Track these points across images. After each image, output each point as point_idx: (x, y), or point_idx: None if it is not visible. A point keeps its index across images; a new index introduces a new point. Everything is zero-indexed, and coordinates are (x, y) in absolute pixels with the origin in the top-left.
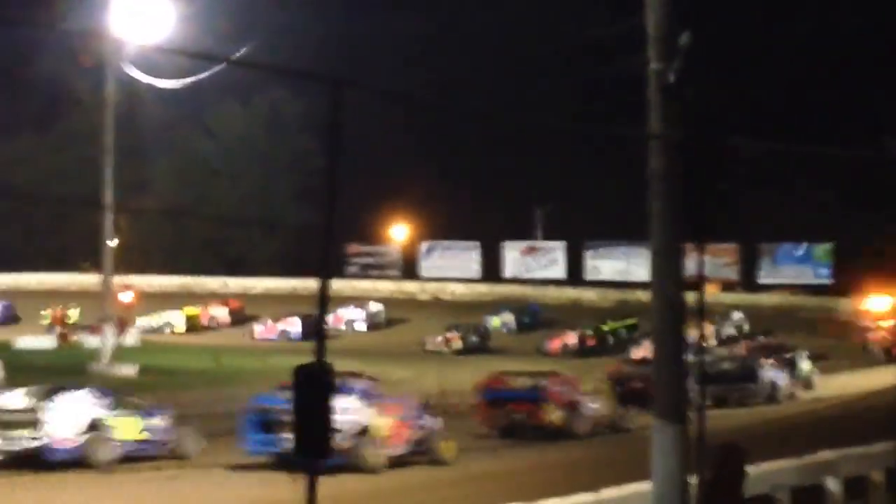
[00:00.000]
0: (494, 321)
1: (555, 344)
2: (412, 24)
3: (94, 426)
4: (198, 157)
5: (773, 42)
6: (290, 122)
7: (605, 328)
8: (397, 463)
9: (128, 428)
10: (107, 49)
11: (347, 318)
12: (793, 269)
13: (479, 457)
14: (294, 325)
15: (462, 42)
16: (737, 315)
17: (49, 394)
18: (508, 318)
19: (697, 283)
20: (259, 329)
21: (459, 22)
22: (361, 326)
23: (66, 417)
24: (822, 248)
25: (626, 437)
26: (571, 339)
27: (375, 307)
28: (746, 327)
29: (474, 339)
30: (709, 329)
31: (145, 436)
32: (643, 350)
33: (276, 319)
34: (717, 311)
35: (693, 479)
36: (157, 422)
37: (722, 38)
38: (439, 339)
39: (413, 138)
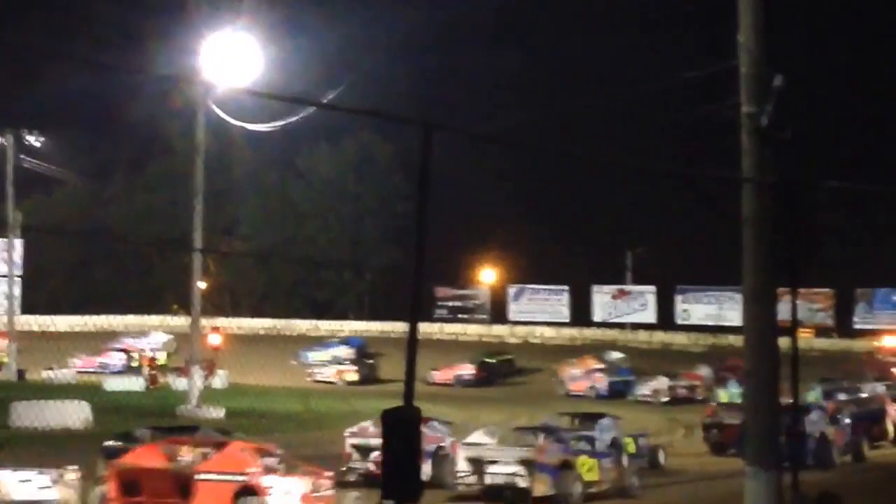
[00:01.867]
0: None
1: (444, 374)
2: (502, 66)
3: None
4: (287, 200)
5: (871, 80)
6: (380, 164)
7: (489, 360)
8: None
9: None
10: (197, 92)
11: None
12: (889, 314)
13: None
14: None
15: (555, 83)
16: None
17: None
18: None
19: (791, 328)
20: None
21: (553, 63)
22: None
23: None
24: None
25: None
26: (465, 369)
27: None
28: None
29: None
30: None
31: None
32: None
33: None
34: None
35: None
36: None
37: (817, 80)
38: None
39: (503, 181)
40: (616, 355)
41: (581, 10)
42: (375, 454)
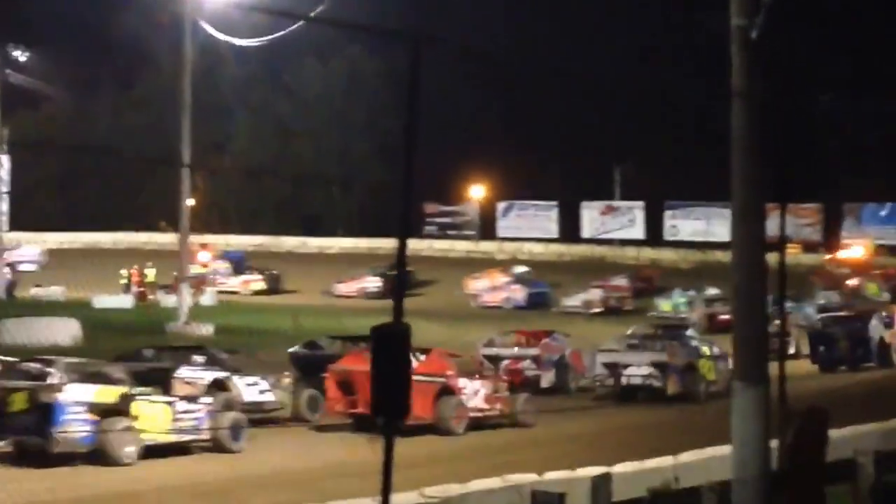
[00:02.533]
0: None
1: (349, 287)
2: None
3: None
4: (275, 116)
5: None
6: (369, 80)
7: (391, 273)
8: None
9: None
10: (184, 7)
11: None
12: (877, 229)
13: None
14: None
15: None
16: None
17: None
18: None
19: (779, 244)
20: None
21: None
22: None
23: None
24: None
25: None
26: (370, 282)
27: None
28: None
29: None
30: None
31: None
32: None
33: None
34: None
35: (774, 443)
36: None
37: None
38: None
39: (492, 97)
40: (522, 269)
41: None
42: (506, 362)
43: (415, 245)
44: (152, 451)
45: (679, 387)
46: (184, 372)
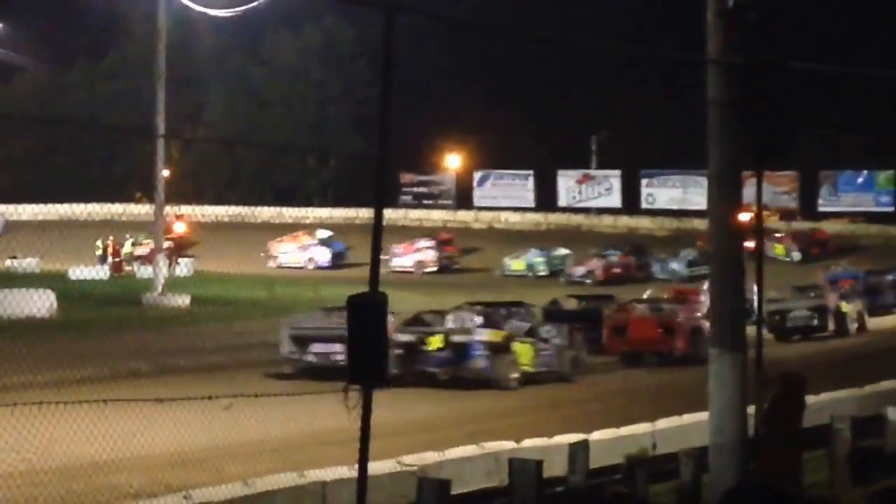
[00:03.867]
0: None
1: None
2: None
3: None
4: (250, 86)
5: None
6: (343, 50)
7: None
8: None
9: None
10: None
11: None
12: (853, 196)
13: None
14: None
15: None
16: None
17: None
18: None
19: (756, 212)
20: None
21: None
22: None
23: None
24: (884, 176)
25: None
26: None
27: None
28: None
29: None
30: None
31: None
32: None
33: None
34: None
35: (751, 409)
36: None
37: None
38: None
39: (467, 66)
40: (326, 232)
41: None
42: None
43: (391, 215)
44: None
45: (834, 325)
46: (514, 322)
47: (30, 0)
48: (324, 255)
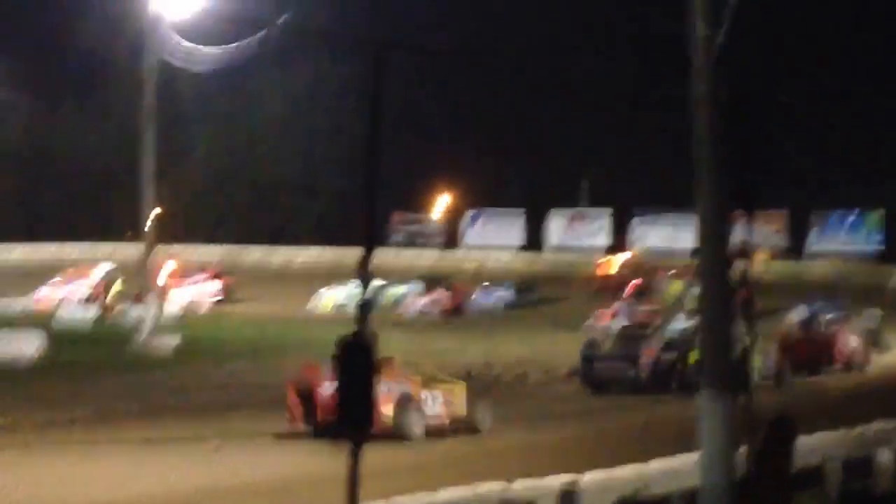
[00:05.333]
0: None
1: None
2: None
3: None
4: (238, 125)
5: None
6: (332, 88)
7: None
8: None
9: None
10: (146, 15)
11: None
12: (844, 236)
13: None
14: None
15: (503, 3)
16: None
17: None
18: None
19: (745, 251)
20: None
21: None
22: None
23: None
24: (875, 216)
25: None
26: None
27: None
28: None
29: None
30: None
31: None
32: None
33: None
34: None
35: (741, 450)
36: None
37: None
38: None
39: (457, 105)
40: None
41: None
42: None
43: (382, 254)
44: None
45: None
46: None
47: (17, 38)
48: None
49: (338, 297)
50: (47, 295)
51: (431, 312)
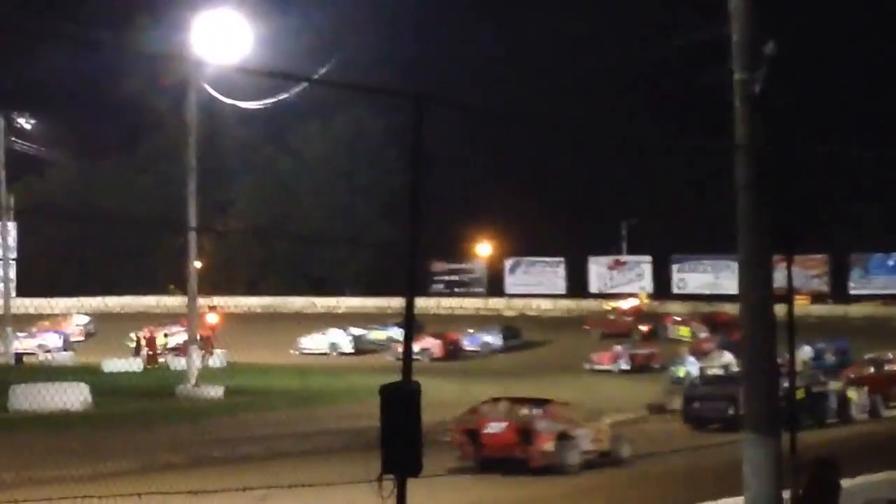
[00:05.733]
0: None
1: None
2: (496, 40)
3: None
4: (280, 177)
5: (864, 45)
6: (373, 139)
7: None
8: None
9: None
10: (188, 70)
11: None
12: (884, 279)
13: None
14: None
15: (547, 55)
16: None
17: None
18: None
19: (786, 295)
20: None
21: (545, 34)
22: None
23: None
24: None
25: None
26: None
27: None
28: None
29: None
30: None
31: None
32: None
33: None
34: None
35: (786, 494)
36: None
37: (810, 45)
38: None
39: (496, 154)
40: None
41: None
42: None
43: (423, 303)
44: None
45: None
46: None
47: (61, 93)
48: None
49: (319, 342)
50: (22, 345)
51: (422, 359)
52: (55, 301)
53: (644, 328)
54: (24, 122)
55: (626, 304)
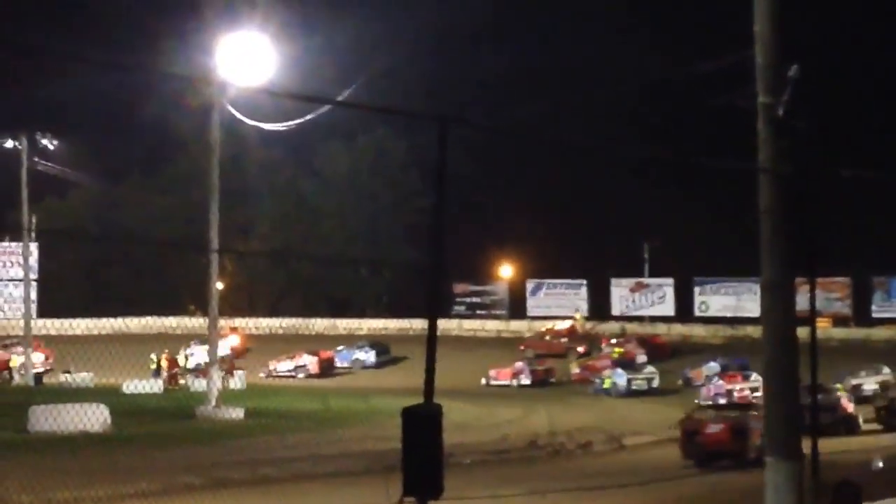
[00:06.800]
0: None
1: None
2: (515, 60)
3: None
4: (303, 198)
5: (887, 68)
6: (395, 161)
7: None
8: None
9: None
10: (212, 92)
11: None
12: None
13: None
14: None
15: (569, 77)
16: None
17: None
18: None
19: (809, 318)
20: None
21: (568, 57)
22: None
23: None
24: None
25: None
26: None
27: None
28: None
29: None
30: None
31: None
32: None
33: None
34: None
35: None
36: None
37: (833, 69)
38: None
39: (518, 176)
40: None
41: (597, 3)
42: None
43: (444, 325)
44: None
45: None
46: None
47: (85, 115)
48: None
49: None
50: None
51: (296, 376)
52: (76, 322)
53: (580, 349)
54: (48, 143)
55: (560, 326)
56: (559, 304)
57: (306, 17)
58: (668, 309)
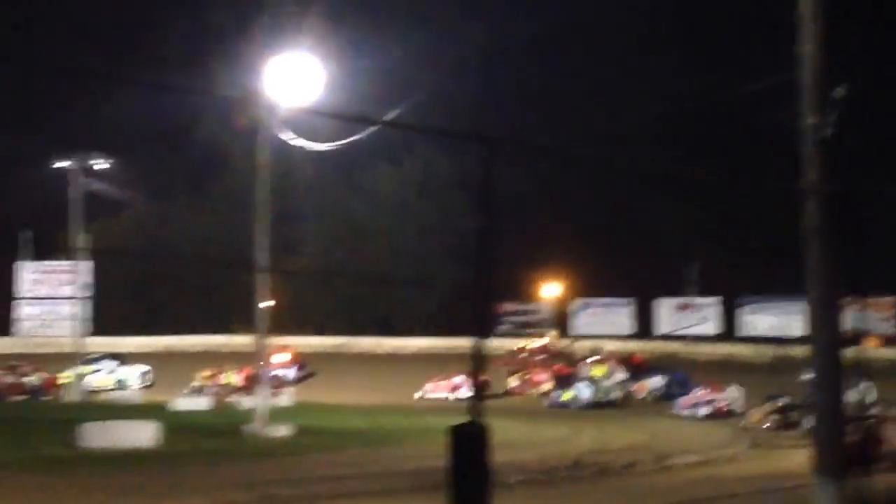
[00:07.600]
0: None
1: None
2: (564, 82)
3: None
4: (350, 218)
5: None
6: (443, 181)
7: None
8: None
9: None
10: (260, 113)
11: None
12: None
13: None
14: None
15: (615, 97)
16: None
17: None
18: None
19: (856, 338)
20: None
21: (613, 78)
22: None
23: None
24: None
25: None
26: None
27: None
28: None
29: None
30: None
31: None
32: None
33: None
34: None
35: None
36: None
37: (880, 89)
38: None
39: (565, 195)
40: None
41: (641, 25)
42: None
43: (491, 344)
44: None
45: None
46: None
47: (136, 136)
48: None
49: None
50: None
51: (221, 393)
52: (128, 340)
53: (556, 367)
54: (101, 164)
55: (535, 344)
56: (605, 323)
57: (355, 36)
58: (714, 328)
